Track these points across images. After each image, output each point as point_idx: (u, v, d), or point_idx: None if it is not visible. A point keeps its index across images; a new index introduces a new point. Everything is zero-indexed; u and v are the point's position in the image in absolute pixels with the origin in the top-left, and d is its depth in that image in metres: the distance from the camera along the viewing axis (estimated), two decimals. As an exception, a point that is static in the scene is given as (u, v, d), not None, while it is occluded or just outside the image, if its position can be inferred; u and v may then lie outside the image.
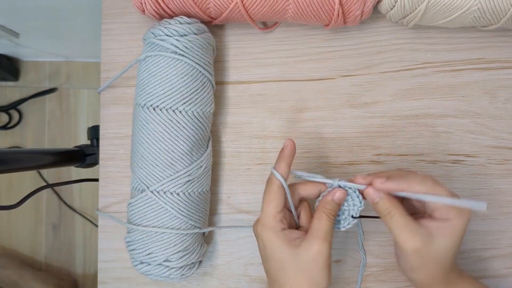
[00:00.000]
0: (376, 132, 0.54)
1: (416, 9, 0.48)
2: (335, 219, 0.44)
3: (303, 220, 0.46)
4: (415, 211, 0.44)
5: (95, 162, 0.60)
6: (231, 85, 0.55)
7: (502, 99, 0.54)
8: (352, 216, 0.44)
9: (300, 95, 0.54)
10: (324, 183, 0.45)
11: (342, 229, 0.45)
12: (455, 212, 0.40)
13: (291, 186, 0.45)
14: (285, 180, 0.43)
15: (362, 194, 0.43)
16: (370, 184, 0.42)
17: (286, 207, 0.45)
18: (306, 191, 0.45)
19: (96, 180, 0.56)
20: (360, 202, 0.44)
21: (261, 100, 0.54)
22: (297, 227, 0.46)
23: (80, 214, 1.29)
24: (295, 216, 0.46)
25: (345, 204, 0.44)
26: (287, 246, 0.42)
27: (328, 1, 0.47)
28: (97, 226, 0.55)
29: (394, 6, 0.48)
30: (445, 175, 0.54)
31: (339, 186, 0.44)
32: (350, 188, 0.44)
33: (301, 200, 0.46)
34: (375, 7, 0.51)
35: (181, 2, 0.48)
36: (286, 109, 0.54)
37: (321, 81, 0.54)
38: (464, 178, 0.54)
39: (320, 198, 0.44)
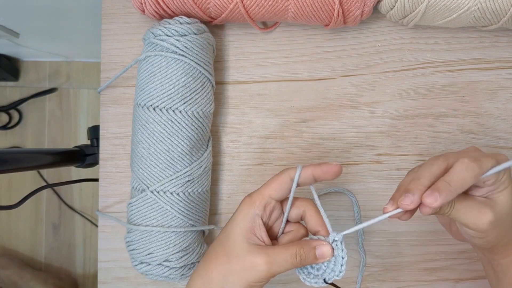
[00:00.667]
0: (376, 132, 0.54)
1: (416, 9, 0.48)
2: (305, 269, 0.40)
3: (293, 216, 0.42)
4: None
5: (95, 162, 0.60)
6: (231, 85, 0.55)
7: (502, 99, 0.54)
8: (324, 280, 0.39)
9: (300, 95, 0.54)
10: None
11: (306, 283, 0.40)
12: (502, 172, 0.38)
13: (302, 201, 0.41)
14: (298, 181, 0.40)
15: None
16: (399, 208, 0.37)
17: (282, 208, 0.42)
18: (311, 217, 0.41)
19: (96, 180, 0.56)
20: (340, 273, 0.39)
21: (261, 100, 0.54)
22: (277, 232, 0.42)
23: (80, 214, 1.29)
24: (285, 219, 0.42)
25: (325, 264, 0.39)
26: (243, 231, 0.39)
27: (328, 1, 0.47)
28: (97, 226, 0.55)
29: (394, 6, 0.48)
30: (445, 175, 0.54)
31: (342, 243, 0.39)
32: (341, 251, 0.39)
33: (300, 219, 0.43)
34: (375, 7, 0.51)
35: (181, 2, 0.48)
36: (286, 109, 0.54)
37: (321, 81, 0.54)
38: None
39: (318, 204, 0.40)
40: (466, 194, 0.40)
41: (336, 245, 0.39)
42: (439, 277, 0.53)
